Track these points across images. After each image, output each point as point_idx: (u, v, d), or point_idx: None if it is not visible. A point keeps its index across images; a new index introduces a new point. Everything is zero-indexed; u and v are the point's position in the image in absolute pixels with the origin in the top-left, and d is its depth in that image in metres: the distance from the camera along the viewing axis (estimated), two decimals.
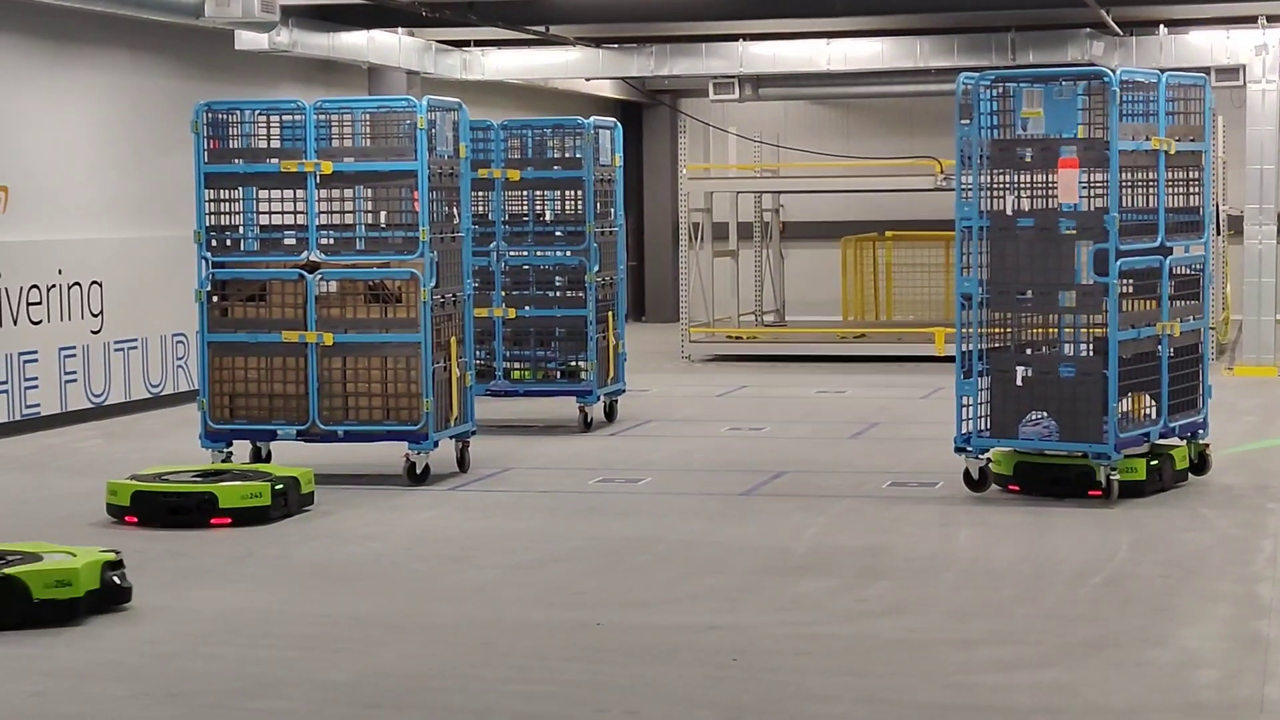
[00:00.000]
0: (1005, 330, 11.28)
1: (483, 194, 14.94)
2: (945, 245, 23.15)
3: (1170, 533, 10.28)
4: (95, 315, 15.90)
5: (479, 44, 21.27)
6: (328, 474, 12.03)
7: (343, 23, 18.21)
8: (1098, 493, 11.04)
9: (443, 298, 12.06)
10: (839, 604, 8.73)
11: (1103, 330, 10.99)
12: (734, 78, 22.55)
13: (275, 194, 12.24)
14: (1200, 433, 11.83)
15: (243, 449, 12.48)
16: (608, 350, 15.10)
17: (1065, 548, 9.87)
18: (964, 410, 11.30)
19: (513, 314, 14.96)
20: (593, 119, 15.21)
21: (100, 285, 15.97)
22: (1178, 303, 11.47)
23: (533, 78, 22.27)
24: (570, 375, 15.06)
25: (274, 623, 8.45)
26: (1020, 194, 11.22)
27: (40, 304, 15.22)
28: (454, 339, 12.21)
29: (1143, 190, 11.28)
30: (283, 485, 10.88)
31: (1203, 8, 19.43)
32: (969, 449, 11.35)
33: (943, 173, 20.10)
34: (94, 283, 15.90)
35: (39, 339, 15.18)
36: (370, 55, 18.96)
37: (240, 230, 12.30)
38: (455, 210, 12.35)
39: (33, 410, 15.06)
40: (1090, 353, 11.12)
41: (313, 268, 12.08)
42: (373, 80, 19.63)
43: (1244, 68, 19.27)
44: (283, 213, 12.26)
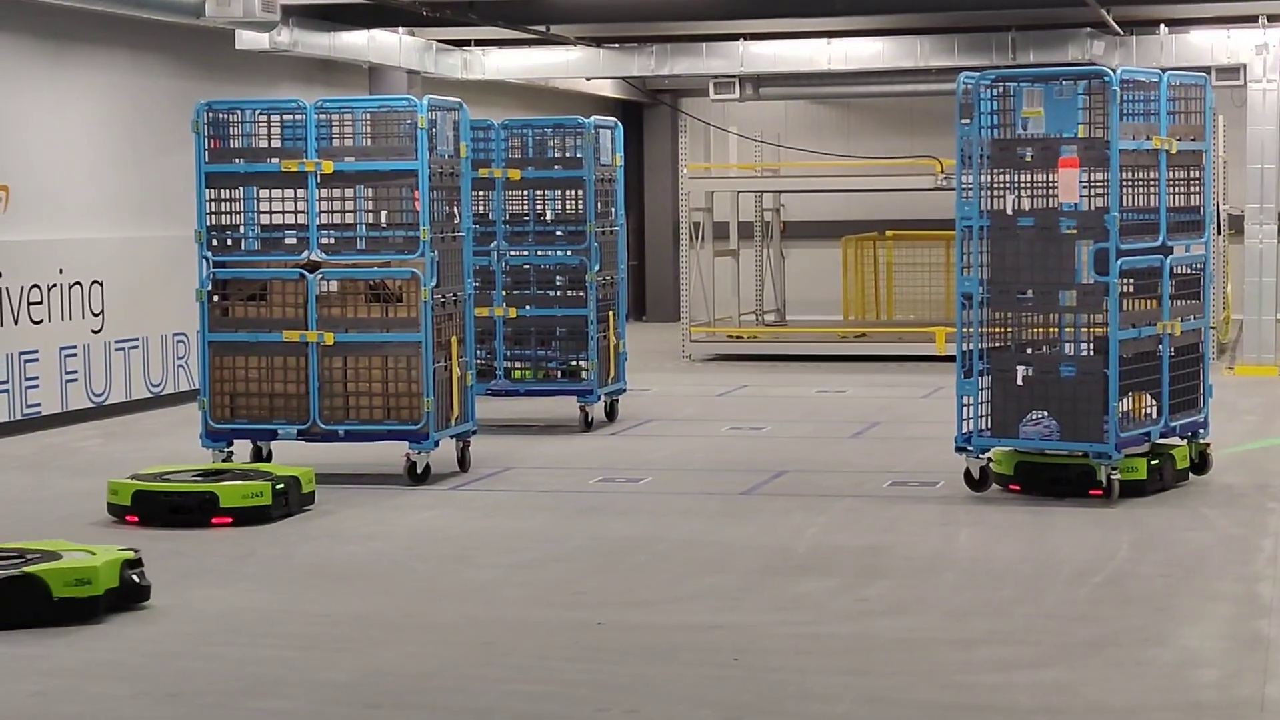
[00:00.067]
0: (1006, 330, 11.28)
1: (483, 193, 14.94)
2: (946, 245, 23.15)
3: (1171, 532, 10.28)
4: (96, 315, 15.90)
5: (479, 44, 21.27)
6: (328, 473, 12.03)
7: (343, 22, 18.21)
8: (1098, 492, 11.04)
9: (443, 297, 12.06)
10: (839, 603, 8.73)
11: (1103, 330, 10.99)
12: (734, 77, 22.55)
13: (276, 193, 12.25)
14: (1201, 432, 11.83)
15: (243, 448, 12.48)
16: (608, 350, 15.10)
17: (1066, 547, 9.87)
18: (964, 410, 11.29)
19: (513, 313, 14.96)
20: (593, 118, 15.21)
21: (101, 285, 15.98)
22: (1178, 302, 11.47)
23: (533, 77, 22.27)
24: (571, 375, 15.06)
25: (275, 622, 8.45)
26: (1021, 193, 11.22)
27: (41, 303, 15.23)
28: (455, 338, 12.21)
29: (1143, 189, 11.29)
30: (283, 485, 10.88)
31: (1203, 7, 19.43)
32: (970, 448, 11.35)
33: (943, 172, 20.10)
34: (95, 282, 15.90)
35: (40, 338, 15.18)
36: (371, 55, 18.97)
37: (241, 230, 12.30)
38: (456, 210, 12.35)
39: (33, 410, 15.07)
40: (1091, 352, 11.12)
41: (313, 267, 12.08)
42: (373, 80, 19.63)
43: (1244, 67, 19.27)
44: (283, 212, 12.26)
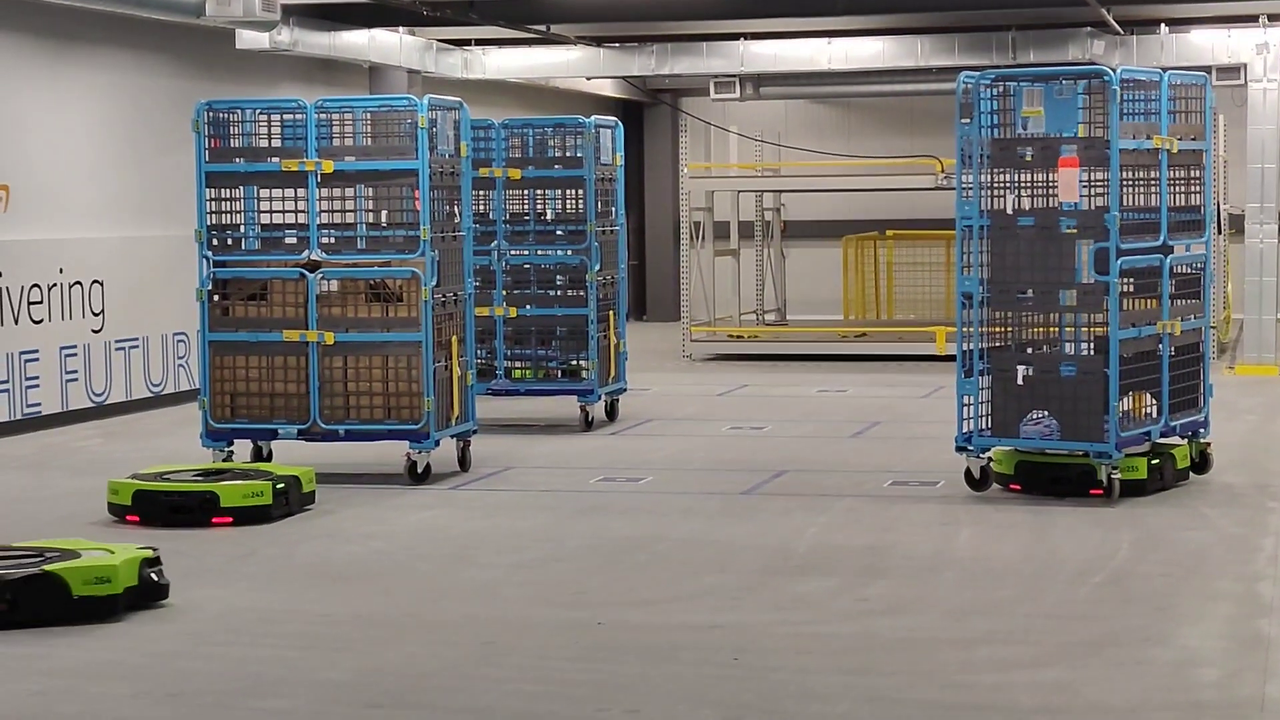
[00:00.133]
0: (1006, 329, 11.28)
1: (484, 193, 14.94)
2: (946, 244, 23.15)
3: (1171, 531, 10.28)
4: (96, 314, 15.90)
5: (480, 43, 21.27)
6: (329, 473, 12.03)
7: (344, 22, 18.21)
8: (1099, 492, 11.04)
9: (444, 297, 12.06)
10: (840, 603, 8.73)
11: (1103, 329, 10.99)
12: (735, 77, 22.56)
13: (276, 193, 12.25)
14: (1201, 431, 11.83)
15: (244, 448, 12.48)
16: (609, 349, 15.10)
17: (1066, 547, 9.87)
18: (965, 409, 11.29)
19: (514, 313, 14.96)
20: (594, 118, 15.21)
21: (101, 284, 15.98)
22: (1179, 301, 11.47)
23: (534, 77, 22.28)
24: (571, 374, 15.06)
25: (275, 622, 8.45)
26: (1021, 193, 11.22)
27: (41, 303, 15.23)
28: (455, 338, 12.21)
29: (1143, 189, 11.29)
30: (284, 484, 10.88)
31: (1204, 6, 19.44)
32: (970, 448, 11.35)
33: (943, 172, 20.10)
34: (95, 282, 15.90)
35: (40, 338, 15.18)
36: (371, 54, 18.97)
37: (241, 229, 12.30)
38: (456, 209, 12.35)
39: (34, 409, 15.07)
40: (1091, 351, 11.12)
41: (314, 267, 12.08)
42: (374, 79, 19.63)
43: (1245, 66, 19.28)
44: (284, 212, 12.26)
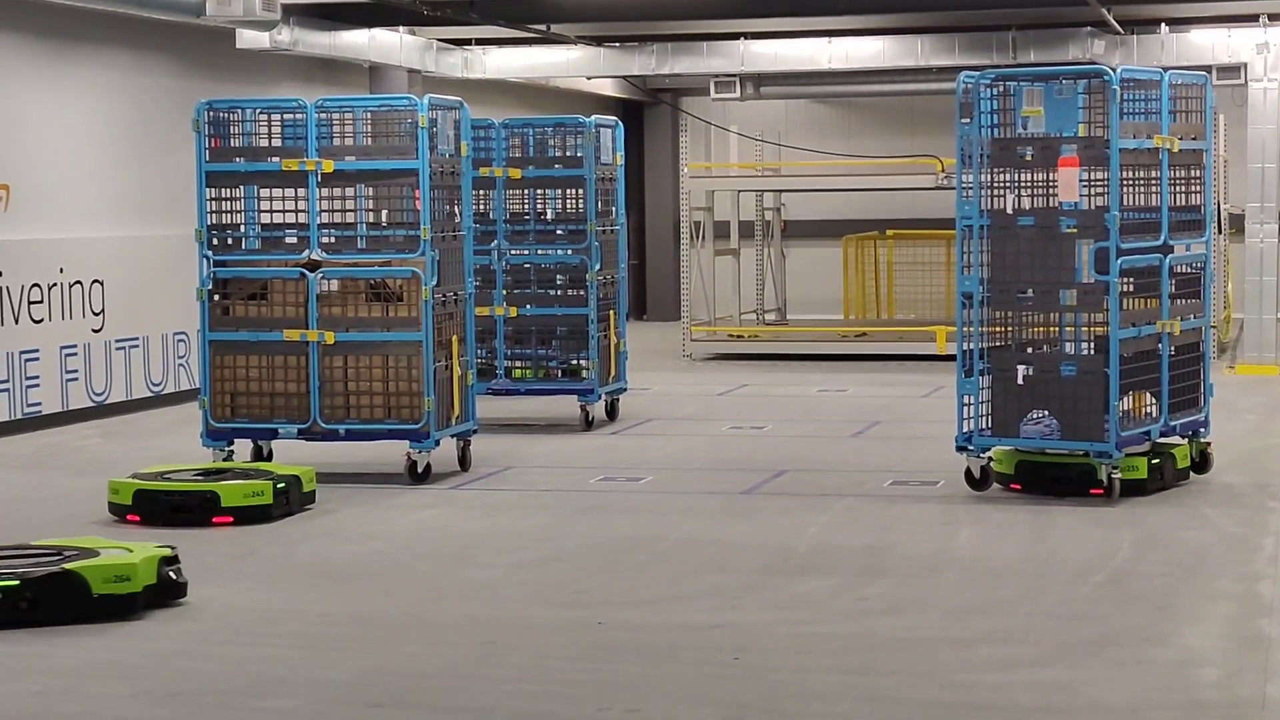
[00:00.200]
0: (1006, 329, 11.28)
1: (484, 192, 14.94)
2: (946, 244, 23.15)
3: (1171, 531, 10.28)
4: (96, 314, 15.90)
5: (480, 43, 21.27)
6: (329, 473, 12.03)
7: (344, 21, 18.21)
8: (1099, 491, 11.04)
9: (444, 296, 12.06)
10: (840, 603, 8.73)
11: (1104, 329, 10.99)
12: (735, 76, 22.55)
13: (276, 192, 12.25)
14: (1201, 431, 11.83)
15: (244, 448, 12.48)
16: (609, 349, 15.10)
17: (1066, 546, 9.87)
18: (965, 409, 11.29)
19: (514, 313, 14.96)
20: (594, 117, 15.21)
21: (101, 284, 15.98)
22: (1179, 301, 11.47)
23: (534, 76, 22.28)
24: (571, 374, 15.06)
25: (275, 621, 8.45)
26: (1021, 193, 11.22)
27: (41, 302, 15.23)
28: (455, 338, 12.21)
29: (1143, 189, 11.29)
30: (284, 484, 10.88)
31: (1204, 6, 19.44)
32: (970, 448, 11.35)
33: (943, 171, 20.10)
34: (95, 281, 15.90)
35: (40, 337, 15.18)
36: (371, 54, 18.97)
37: (241, 229, 12.31)
38: (456, 209, 12.35)
39: (34, 409, 15.07)
40: (1091, 351, 11.12)
41: (314, 266, 12.08)
42: (374, 79, 19.63)
43: (1245, 66, 19.29)
44: (284, 211, 12.26)
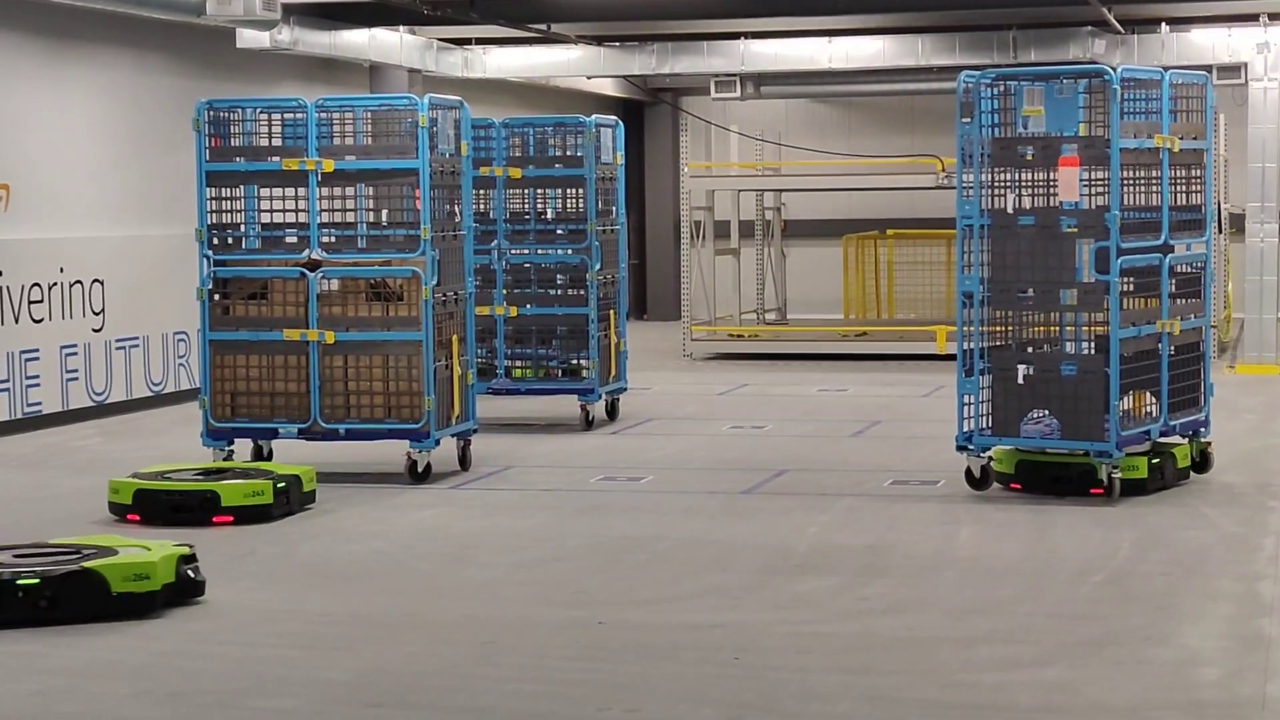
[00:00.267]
0: (1006, 328, 11.28)
1: (484, 192, 14.94)
2: (946, 243, 23.15)
3: (1171, 531, 10.28)
4: (96, 313, 15.90)
5: (480, 42, 21.27)
6: (329, 472, 12.03)
7: (344, 21, 18.21)
8: (1099, 491, 11.04)
9: (444, 296, 12.05)
10: (840, 602, 8.73)
11: (1104, 328, 10.99)
12: (735, 76, 22.54)
13: (277, 192, 12.25)
14: (1202, 431, 11.83)
15: (244, 447, 12.48)
16: (609, 348, 15.10)
17: (1066, 546, 9.87)
18: (965, 408, 11.29)
19: (514, 312, 14.96)
20: (594, 117, 15.21)
21: (101, 283, 15.98)
22: (1179, 301, 11.47)
23: (534, 76, 22.28)
24: (572, 373, 15.06)
25: (275, 621, 8.45)
26: (1021, 192, 11.22)
27: (41, 302, 15.23)
28: (455, 337, 12.21)
29: (1144, 188, 11.29)
30: (285, 483, 10.88)
31: (1204, 5, 19.43)
32: (970, 447, 11.35)
33: (944, 171, 20.10)
34: (95, 281, 15.90)
35: (40, 337, 15.18)
36: (372, 53, 18.97)
37: (242, 228, 12.31)
38: (457, 208, 12.35)
39: (34, 408, 15.07)
40: (1092, 351, 11.12)
41: (314, 266, 12.08)
42: (374, 78, 19.63)
43: (1246, 65, 19.29)
44: (284, 211, 12.26)
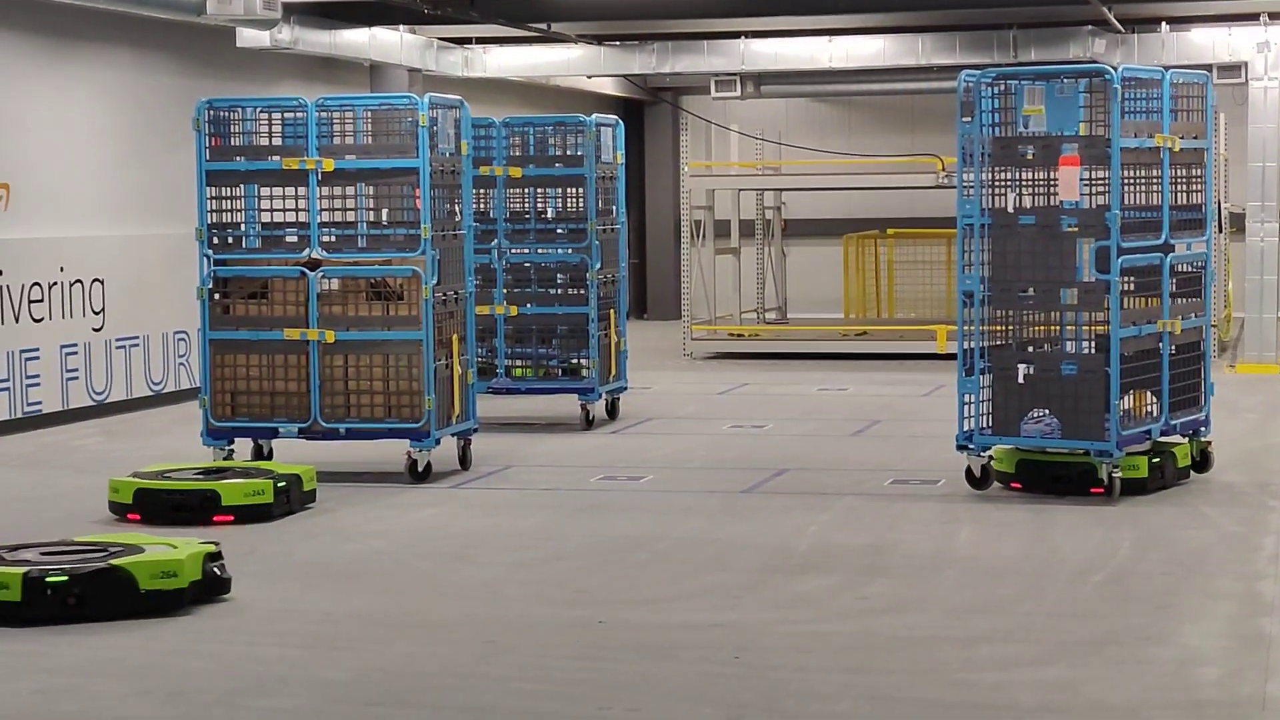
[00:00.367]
0: (1007, 328, 11.28)
1: (484, 191, 14.94)
2: (947, 243, 23.14)
3: (1172, 530, 10.28)
4: (97, 313, 15.90)
5: (480, 41, 21.27)
6: (329, 472, 12.03)
7: (344, 20, 18.21)
8: (1099, 490, 11.04)
9: (444, 295, 12.06)
10: (841, 602, 8.73)
11: (1104, 328, 10.99)
12: (736, 75, 22.53)
13: (277, 191, 12.25)
14: (1202, 430, 11.83)
15: (244, 447, 12.48)
16: (609, 348, 15.10)
17: (1067, 545, 9.87)
18: (966, 408, 11.29)
19: (514, 311, 14.95)
20: (594, 116, 15.22)
21: (102, 283, 15.98)
22: (1179, 300, 11.47)
23: (534, 75, 22.28)
24: (572, 373, 15.06)
25: (275, 620, 8.45)
26: (1022, 191, 11.22)
27: (42, 301, 15.23)
28: (456, 336, 12.21)
29: (1144, 187, 11.29)
30: (285, 483, 10.89)
31: (1205, 5, 19.43)
32: (971, 446, 11.35)
33: (944, 170, 20.10)
34: (95, 280, 15.90)
35: (40, 336, 15.18)
36: (372, 53, 18.97)
37: (242, 228, 12.30)
38: (457, 208, 12.35)
39: (34, 408, 15.07)
40: (1092, 350, 11.12)
41: (314, 265, 12.07)
42: (374, 78, 19.63)
43: (1246, 65, 19.28)
44: (284, 210, 12.27)
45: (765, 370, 19.76)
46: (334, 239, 12.18)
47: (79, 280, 15.68)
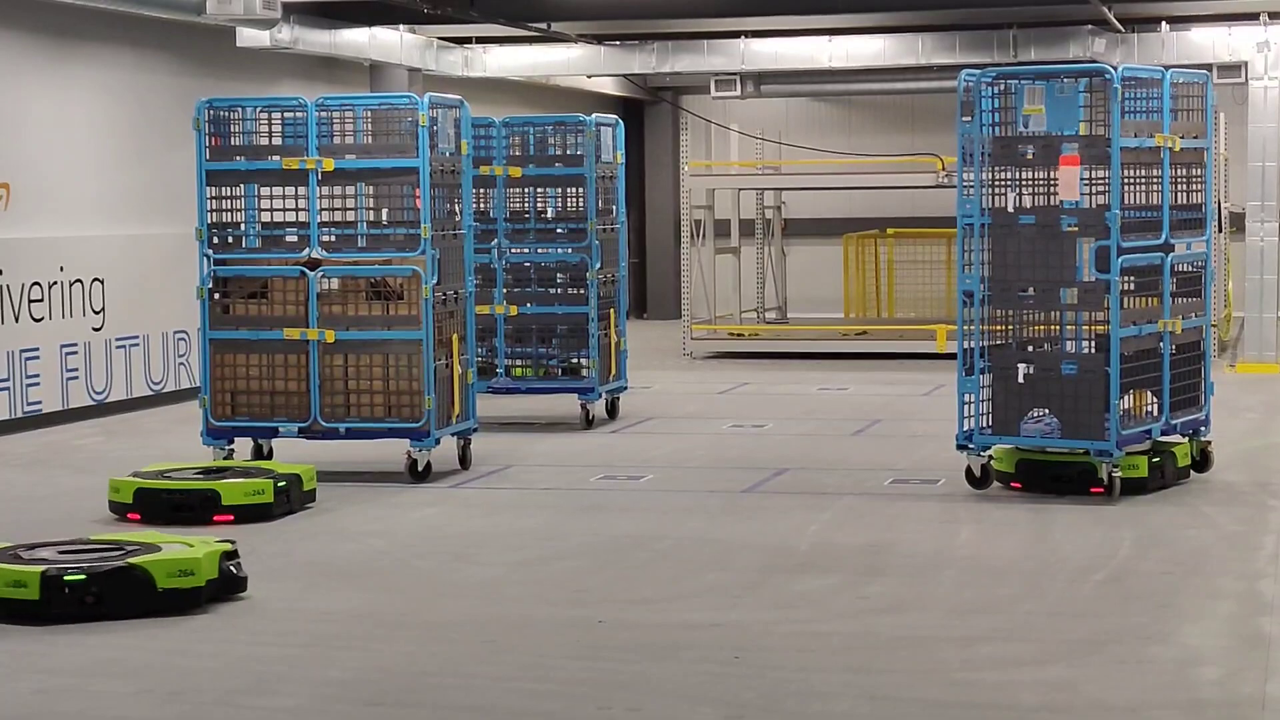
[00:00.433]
0: (1007, 327, 11.28)
1: (484, 191, 14.94)
2: (947, 242, 23.15)
3: (1172, 530, 10.28)
4: (97, 312, 15.90)
5: (480, 41, 21.27)
6: (329, 471, 12.03)
7: (344, 20, 18.21)
8: (1099, 490, 11.04)
9: (444, 295, 12.05)
10: (841, 601, 8.72)
11: (1104, 327, 10.99)
12: (736, 75, 22.54)
13: (277, 191, 12.25)
14: (1202, 430, 11.83)
15: (244, 446, 12.48)
16: (609, 347, 15.10)
17: (1067, 545, 9.87)
18: (966, 407, 11.29)
19: (514, 311, 14.96)
20: (594, 116, 15.21)
21: (102, 282, 15.97)
22: (1179, 300, 11.47)
23: (534, 75, 22.27)
24: (572, 372, 15.06)
25: (276, 620, 8.45)
26: (1022, 191, 11.22)
27: (42, 301, 15.22)
28: (456, 336, 12.21)
29: (1144, 187, 11.29)
30: (285, 482, 10.89)
31: (1205, 4, 19.44)
32: (971, 446, 11.35)
33: (944, 170, 20.09)
34: (95, 280, 15.90)
35: (40, 336, 15.18)
36: (372, 52, 18.97)
37: (242, 227, 12.30)
38: (457, 207, 12.35)
39: (34, 407, 15.06)
40: (1092, 350, 11.12)
41: (314, 265, 12.07)
42: (374, 77, 19.63)
43: (1246, 64, 19.28)
44: (284, 210, 12.26)
45: (765, 370, 19.76)
46: (334, 239, 12.18)
47: (79, 280, 15.68)
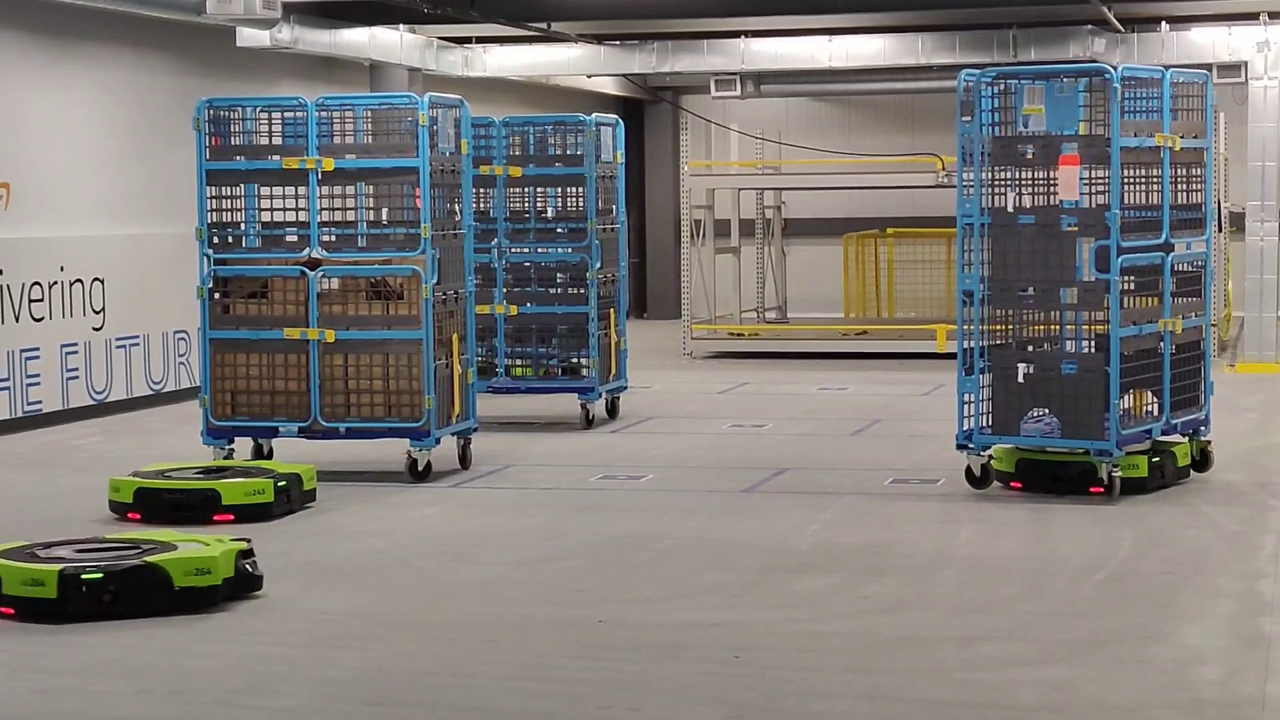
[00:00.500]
0: (1007, 327, 11.28)
1: (484, 191, 14.94)
2: (947, 242, 23.16)
3: (1172, 529, 10.28)
4: (97, 312, 15.90)
5: (480, 41, 21.27)
6: (329, 471, 12.03)
7: (344, 20, 18.21)
8: (1099, 490, 11.04)
9: (444, 294, 12.06)
10: (841, 601, 8.73)
11: (1104, 327, 10.99)
12: (736, 74, 22.54)
13: (277, 191, 12.25)
14: (1202, 429, 11.83)
15: (244, 446, 12.48)
16: (609, 347, 15.10)
17: (1067, 545, 9.87)
18: (965, 407, 11.29)
19: (514, 311, 14.96)
20: (594, 116, 15.21)
21: (102, 282, 15.98)
22: (1179, 299, 11.48)
23: (534, 75, 22.28)
24: (572, 372, 15.06)
25: (276, 619, 8.45)
26: (1021, 191, 11.22)
27: (42, 301, 15.23)
28: (456, 336, 12.21)
29: (1144, 187, 11.29)
30: (285, 482, 10.89)
31: (1205, 4, 19.44)
32: (971, 446, 11.35)
33: (944, 169, 20.09)
34: (96, 279, 15.90)
35: (41, 336, 15.18)
36: (372, 52, 18.97)
37: (242, 227, 12.31)
38: (457, 207, 12.35)
39: (34, 407, 15.07)
40: (1092, 349, 11.12)
41: (314, 264, 12.08)
42: (374, 77, 19.63)
43: (1246, 64, 19.29)
44: (284, 209, 12.26)
45: (765, 370, 19.76)
46: (334, 238, 12.18)
47: (79, 279, 15.68)
